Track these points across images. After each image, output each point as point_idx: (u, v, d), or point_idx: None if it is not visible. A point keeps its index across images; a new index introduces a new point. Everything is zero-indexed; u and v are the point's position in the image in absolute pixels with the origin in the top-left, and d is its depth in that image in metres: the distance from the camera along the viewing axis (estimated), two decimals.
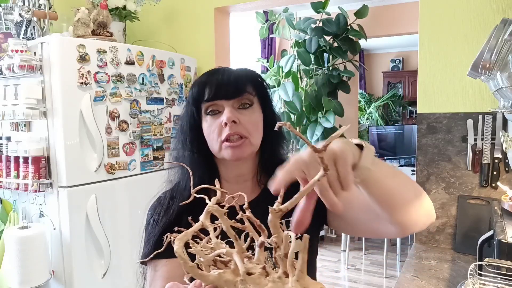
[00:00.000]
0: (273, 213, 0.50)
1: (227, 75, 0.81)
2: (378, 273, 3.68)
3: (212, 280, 0.45)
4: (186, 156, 0.85)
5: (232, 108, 0.79)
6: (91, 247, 1.72)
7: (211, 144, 0.81)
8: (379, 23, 4.14)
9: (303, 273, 0.46)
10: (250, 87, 0.82)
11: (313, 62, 3.65)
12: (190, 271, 0.44)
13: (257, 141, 0.82)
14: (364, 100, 7.02)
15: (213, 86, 0.80)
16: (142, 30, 2.54)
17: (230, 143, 0.78)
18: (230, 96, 0.79)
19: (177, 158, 0.87)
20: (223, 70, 0.83)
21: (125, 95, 1.86)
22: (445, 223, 1.71)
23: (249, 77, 0.84)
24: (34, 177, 1.62)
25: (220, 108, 0.80)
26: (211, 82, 0.80)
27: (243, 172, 0.86)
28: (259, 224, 0.51)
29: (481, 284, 1.08)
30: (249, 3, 2.27)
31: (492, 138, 1.61)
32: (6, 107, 1.68)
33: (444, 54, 1.68)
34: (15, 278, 1.59)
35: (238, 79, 0.81)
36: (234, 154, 0.79)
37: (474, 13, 1.61)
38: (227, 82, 0.80)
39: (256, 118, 0.82)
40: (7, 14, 1.83)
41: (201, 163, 0.84)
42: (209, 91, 0.80)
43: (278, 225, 0.50)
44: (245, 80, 0.82)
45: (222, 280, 0.45)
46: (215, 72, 0.83)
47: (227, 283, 0.45)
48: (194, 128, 0.84)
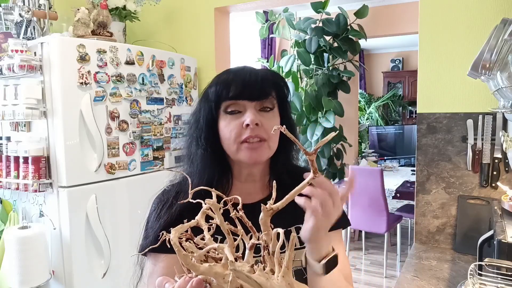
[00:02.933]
0: (264, 211, 0.52)
1: (254, 75, 0.80)
2: (378, 273, 3.68)
3: (202, 271, 0.47)
4: (199, 154, 0.84)
5: (255, 110, 0.78)
6: (91, 247, 1.72)
7: (228, 143, 0.80)
8: (379, 23, 4.14)
9: (288, 270, 0.48)
10: (274, 91, 0.82)
11: (313, 62, 3.65)
12: (183, 259, 0.46)
13: (274, 146, 0.82)
14: (364, 100, 7.02)
15: (239, 85, 0.78)
16: (142, 30, 2.54)
17: (249, 145, 0.77)
18: (255, 97, 0.78)
19: (189, 155, 0.86)
20: (250, 70, 0.81)
21: (125, 95, 1.86)
22: (445, 223, 1.71)
23: (274, 80, 0.83)
24: (34, 177, 1.62)
25: (241, 108, 0.79)
26: (237, 81, 0.79)
27: (255, 173, 0.86)
28: (250, 226, 0.52)
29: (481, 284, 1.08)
30: (249, 3, 2.27)
31: (492, 138, 1.61)
32: (6, 107, 1.68)
33: (444, 54, 1.68)
34: (15, 278, 1.59)
35: (264, 82, 0.80)
36: (252, 156, 0.78)
37: (474, 13, 1.61)
38: (253, 82, 0.79)
39: (277, 122, 0.82)
40: (7, 14, 1.83)
41: (213, 161, 0.83)
42: (234, 89, 0.78)
43: (269, 223, 0.52)
44: (271, 83, 0.81)
45: (212, 272, 0.47)
46: (240, 71, 0.81)
47: (217, 275, 0.47)
48: (210, 125, 0.82)
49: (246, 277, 0.45)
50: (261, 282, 0.46)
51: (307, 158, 0.54)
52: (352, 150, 4.40)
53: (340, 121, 3.88)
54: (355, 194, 3.61)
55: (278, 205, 0.53)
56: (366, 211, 3.57)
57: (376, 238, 4.53)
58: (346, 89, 3.71)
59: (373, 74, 7.59)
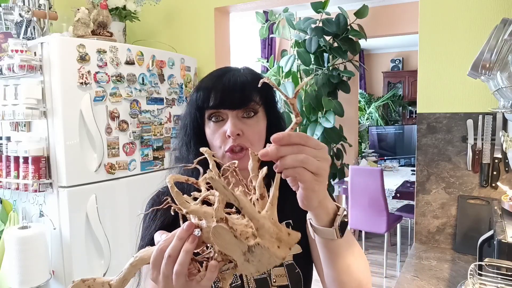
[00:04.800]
0: (252, 155, 0.53)
1: (233, 81, 0.78)
2: (378, 273, 3.68)
3: (192, 209, 0.49)
4: (190, 159, 0.83)
5: (236, 119, 0.77)
6: (91, 247, 1.72)
7: (214, 149, 0.80)
8: (379, 23, 4.14)
9: (273, 206, 0.49)
10: (256, 95, 0.80)
11: (313, 62, 3.65)
12: (176, 197, 0.49)
13: None
14: (364, 100, 7.02)
15: (218, 93, 0.77)
16: (142, 30, 2.54)
17: (232, 154, 0.77)
18: (235, 106, 0.77)
19: (179, 159, 0.86)
20: (229, 75, 0.80)
21: (125, 95, 1.86)
22: (445, 223, 1.71)
23: (256, 83, 0.82)
24: (34, 177, 1.62)
25: (223, 115, 0.79)
26: (216, 89, 0.78)
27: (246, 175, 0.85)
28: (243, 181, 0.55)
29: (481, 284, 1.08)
30: (249, 3, 2.27)
31: (492, 138, 1.61)
32: (6, 107, 1.68)
33: (444, 54, 1.68)
34: (15, 278, 1.59)
35: (244, 87, 0.78)
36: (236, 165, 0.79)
37: (474, 13, 1.61)
38: (232, 90, 0.77)
39: (260, 127, 0.81)
40: (7, 14, 1.83)
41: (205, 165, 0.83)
42: (214, 98, 0.78)
43: (257, 168, 0.53)
44: (251, 88, 0.79)
45: (201, 211, 0.49)
46: (220, 76, 0.80)
47: (206, 214, 0.49)
48: (197, 131, 0.83)
49: (223, 188, 0.45)
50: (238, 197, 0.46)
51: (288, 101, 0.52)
52: (352, 150, 4.40)
53: (340, 121, 3.88)
54: (355, 194, 3.61)
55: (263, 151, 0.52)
56: (366, 211, 3.56)
57: (376, 238, 4.53)
58: (346, 89, 3.71)
59: (373, 74, 7.59)
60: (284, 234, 0.48)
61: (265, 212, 0.48)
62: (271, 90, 0.85)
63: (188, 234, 0.51)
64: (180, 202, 0.48)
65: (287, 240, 0.48)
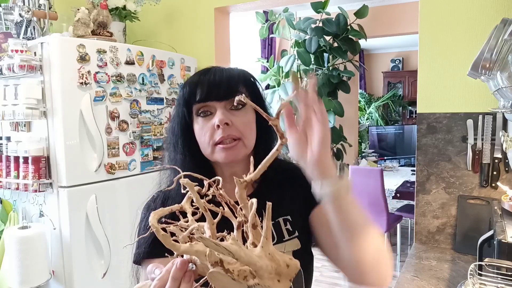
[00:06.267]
0: (238, 183, 0.51)
1: (219, 75, 0.79)
2: None
3: (183, 250, 0.46)
4: (178, 159, 0.83)
5: (225, 110, 0.77)
6: (91, 247, 1.72)
7: (203, 146, 0.80)
8: (379, 23, 4.14)
9: (267, 240, 0.47)
10: (242, 87, 0.80)
11: (313, 62, 3.65)
12: (163, 240, 0.46)
13: (251, 143, 0.81)
14: (364, 100, 7.02)
15: (205, 86, 0.78)
16: (142, 30, 2.54)
17: (223, 145, 0.77)
18: (222, 97, 0.77)
19: (169, 161, 0.85)
20: (215, 70, 0.81)
21: (125, 95, 1.86)
22: (445, 223, 1.71)
23: (241, 77, 0.82)
24: (34, 177, 1.62)
25: (212, 109, 0.78)
26: (202, 83, 0.78)
27: (237, 172, 0.83)
28: (233, 204, 0.52)
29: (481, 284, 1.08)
30: (249, 3, 2.27)
31: (492, 138, 1.61)
32: (6, 107, 1.68)
33: (444, 54, 1.68)
34: (15, 278, 1.59)
35: (230, 79, 0.79)
36: (227, 156, 0.77)
37: (474, 13, 1.61)
38: (219, 82, 0.78)
39: (249, 119, 0.80)
40: (7, 14, 1.83)
41: (193, 166, 0.81)
42: (201, 92, 0.78)
43: (245, 196, 0.51)
44: (237, 80, 0.80)
45: (193, 250, 0.46)
46: (206, 72, 0.81)
47: (198, 253, 0.46)
48: (186, 130, 0.82)
49: (215, 245, 0.44)
50: (232, 250, 0.44)
51: (271, 123, 0.52)
52: (352, 150, 4.40)
53: (340, 121, 3.88)
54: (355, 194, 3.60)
55: (251, 176, 0.51)
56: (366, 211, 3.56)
57: None
58: (346, 89, 3.71)
59: (373, 74, 7.59)
60: (283, 268, 0.47)
61: (260, 248, 0.47)
62: (257, 85, 0.85)
63: (183, 272, 0.49)
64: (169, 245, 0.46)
65: (287, 273, 0.48)
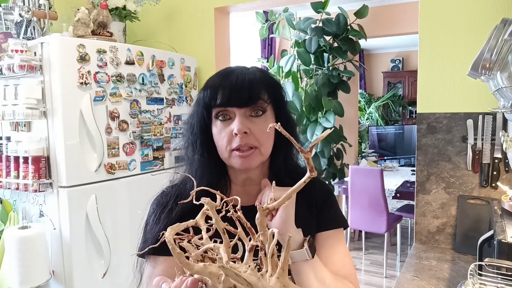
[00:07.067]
0: (260, 210, 0.51)
1: (241, 79, 0.77)
2: (378, 273, 3.68)
3: (197, 270, 0.46)
4: (196, 159, 0.83)
5: (244, 117, 0.76)
6: (91, 247, 1.72)
7: (221, 150, 0.79)
8: (379, 23, 4.14)
9: (284, 271, 0.47)
10: (264, 93, 0.78)
11: (313, 62, 3.65)
12: (177, 258, 0.46)
13: (268, 151, 0.80)
14: (364, 100, 7.02)
15: (226, 91, 0.76)
16: (142, 30, 2.54)
17: (239, 153, 0.76)
18: (243, 104, 0.76)
19: (187, 160, 0.85)
20: (237, 73, 0.78)
21: (125, 95, 1.86)
22: (445, 223, 1.71)
23: (264, 82, 0.80)
24: (34, 177, 1.62)
25: (231, 114, 0.77)
26: (224, 87, 0.77)
27: (252, 177, 0.84)
28: (249, 227, 0.52)
29: (481, 284, 1.08)
30: (249, 3, 2.27)
31: (492, 138, 1.61)
32: (6, 107, 1.68)
33: (444, 54, 1.68)
34: (15, 278, 1.59)
35: (252, 85, 0.77)
36: (243, 164, 0.77)
37: (474, 13, 1.61)
38: (240, 87, 0.76)
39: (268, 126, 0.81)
40: (7, 14, 1.83)
41: (210, 166, 0.82)
42: (222, 96, 0.76)
43: (265, 223, 0.51)
44: (260, 86, 0.78)
45: (206, 271, 0.46)
46: (228, 75, 0.79)
47: (211, 275, 0.46)
48: (204, 131, 0.81)
49: (236, 276, 0.44)
50: (251, 281, 0.44)
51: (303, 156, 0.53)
52: (352, 150, 4.40)
53: (340, 121, 3.88)
54: (355, 194, 3.61)
55: (274, 204, 0.52)
56: (366, 211, 3.56)
57: (376, 238, 4.53)
58: (346, 89, 3.71)
59: (373, 74, 7.59)
60: None
61: (276, 279, 0.47)
62: (279, 89, 0.84)
63: None
64: (183, 264, 0.46)
65: None
